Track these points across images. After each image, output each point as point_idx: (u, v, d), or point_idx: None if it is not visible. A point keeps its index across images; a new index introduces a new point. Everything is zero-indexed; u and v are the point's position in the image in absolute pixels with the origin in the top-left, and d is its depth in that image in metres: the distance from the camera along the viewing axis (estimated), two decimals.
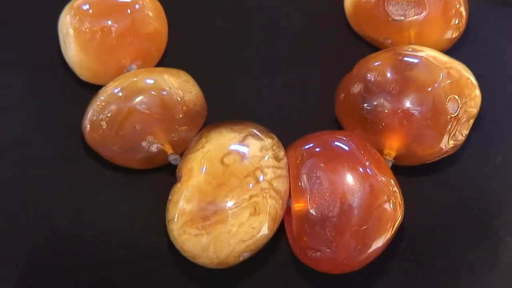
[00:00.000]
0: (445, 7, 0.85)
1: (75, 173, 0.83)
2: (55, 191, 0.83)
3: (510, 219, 0.87)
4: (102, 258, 0.82)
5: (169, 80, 0.82)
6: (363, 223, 0.78)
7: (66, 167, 0.83)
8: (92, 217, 0.82)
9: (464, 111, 0.81)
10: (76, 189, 0.83)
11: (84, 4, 0.84)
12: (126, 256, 0.81)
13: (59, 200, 0.82)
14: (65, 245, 0.82)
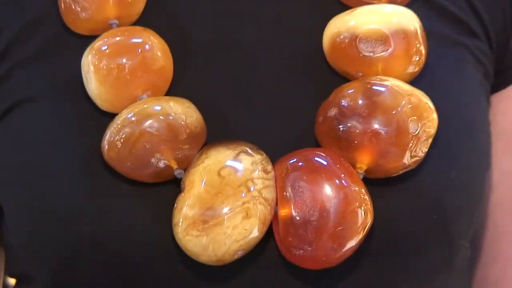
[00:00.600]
0: (407, 46, 0.85)
1: (95, 186, 0.83)
2: (78, 201, 0.83)
3: (463, 225, 0.88)
4: (119, 259, 0.82)
5: (174, 106, 0.82)
6: (338, 225, 0.79)
7: (88, 181, 0.83)
8: (110, 223, 0.82)
9: (423, 131, 0.81)
10: (96, 200, 0.83)
11: (103, 46, 0.84)
12: (139, 256, 0.82)
13: (82, 209, 0.83)
14: (87, 248, 0.83)
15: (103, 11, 0.86)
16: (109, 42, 0.84)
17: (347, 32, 0.85)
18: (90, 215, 0.83)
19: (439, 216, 0.85)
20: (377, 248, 0.83)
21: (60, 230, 0.84)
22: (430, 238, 0.86)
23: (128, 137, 0.81)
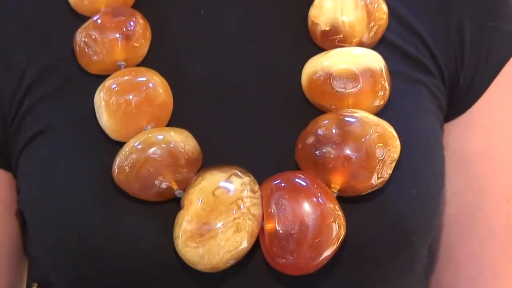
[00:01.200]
0: (374, 83, 0.84)
1: (107, 205, 0.83)
2: (93, 218, 0.83)
3: (422, 236, 0.88)
4: (128, 267, 0.83)
5: (174, 136, 0.82)
6: (316, 238, 0.79)
7: (101, 200, 0.83)
8: (120, 236, 0.82)
9: (388, 156, 0.82)
10: (108, 216, 0.83)
11: (113, 84, 0.83)
12: (144, 264, 0.82)
13: (96, 225, 0.83)
14: (100, 258, 0.83)
15: (112, 54, 0.86)
16: (118, 81, 0.84)
17: (322, 71, 0.84)
18: (103, 230, 0.83)
19: (401, 229, 0.85)
20: (349, 256, 0.83)
21: (76, 243, 0.84)
22: (394, 247, 0.86)
23: (135, 162, 0.81)
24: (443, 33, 0.91)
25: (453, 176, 0.94)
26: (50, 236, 0.87)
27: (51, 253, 0.88)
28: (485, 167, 0.94)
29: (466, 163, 0.94)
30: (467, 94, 0.93)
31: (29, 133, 0.88)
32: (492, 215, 0.95)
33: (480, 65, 0.92)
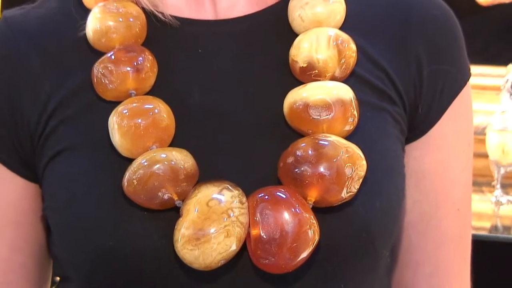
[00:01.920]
0: (344, 111, 0.84)
1: (118, 212, 0.83)
2: (105, 224, 0.83)
3: (385, 240, 0.88)
4: (134, 266, 0.83)
5: (175, 154, 0.82)
6: (294, 242, 0.79)
7: (113, 208, 0.83)
8: (128, 239, 0.82)
9: (356, 173, 0.82)
10: (118, 222, 0.83)
11: (124, 109, 0.83)
12: (148, 263, 0.82)
13: (108, 229, 0.83)
14: (111, 258, 0.83)
15: (125, 84, 0.86)
16: (129, 107, 0.84)
17: (301, 101, 0.84)
18: (114, 234, 0.83)
19: (367, 235, 0.85)
20: (322, 258, 0.83)
21: (91, 244, 0.84)
22: (360, 251, 0.86)
23: (142, 177, 0.81)
24: (404, 69, 0.91)
25: (413, 189, 0.93)
26: (69, 239, 0.87)
27: (69, 253, 0.88)
28: (439, 182, 0.94)
29: (423, 179, 0.94)
30: (425, 121, 0.93)
31: (52, 151, 0.87)
32: (445, 222, 0.95)
33: (436, 98, 0.92)
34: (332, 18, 0.89)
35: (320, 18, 0.88)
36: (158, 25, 0.88)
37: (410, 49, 0.91)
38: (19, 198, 0.90)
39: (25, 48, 0.90)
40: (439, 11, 0.94)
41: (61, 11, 0.91)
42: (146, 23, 0.88)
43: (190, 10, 0.90)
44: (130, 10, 0.88)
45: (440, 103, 0.93)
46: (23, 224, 0.91)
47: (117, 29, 0.87)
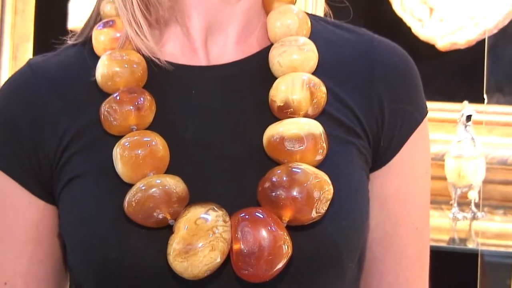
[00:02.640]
0: (315, 144, 0.84)
1: (120, 230, 0.83)
2: (110, 239, 0.83)
3: (351, 254, 0.88)
4: (133, 275, 0.83)
5: (169, 180, 0.82)
6: (270, 255, 0.80)
7: (116, 226, 0.83)
8: (129, 252, 0.82)
9: (323, 197, 0.82)
10: (121, 238, 0.83)
11: (126, 142, 0.83)
12: (145, 273, 0.82)
13: (112, 244, 0.83)
14: (114, 268, 0.83)
15: (127, 121, 0.85)
16: (130, 140, 0.84)
17: (278, 135, 0.84)
18: (117, 248, 0.83)
19: (334, 250, 0.85)
20: (295, 269, 0.83)
21: (98, 257, 0.84)
22: (329, 263, 0.85)
23: (139, 199, 0.81)
24: (368, 109, 0.90)
25: (377, 211, 0.92)
26: (80, 252, 0.87)
27: (81, 265, 0.88)
28: (399, 205, 0.93)
29: (385, 202, 0.93)
30: (386, 153, 0.92)
31: (67, 177, 0.87)
32: (405, 239, 0.94)
33: (395, 133, 0.91)
34: (306, 64, 0.88)
35: (295, 64, 0.88)
36: (157, 70, 0.88)
37: (373, 91, 0.91)
38: (40, 217, 0.90)
39: (46, 92, 0.89)
40: (399, 57, 0.94)
41: (77, 58, 0.91)
42: (147, 68, 0.88)
43: (185, 57, 0.89)
44: (133, 57, 0.88)
45: (399, 137, 0.92)
46: (43, 240, 0.90)
47: (121, 74, 0.87)
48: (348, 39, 0.93)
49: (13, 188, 0.89)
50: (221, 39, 0.90)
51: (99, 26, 0.90)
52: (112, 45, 0.89)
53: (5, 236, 0.90)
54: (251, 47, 0.91)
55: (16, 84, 0.92)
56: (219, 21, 0.89)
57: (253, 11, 0.90)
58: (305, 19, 0.91)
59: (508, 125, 1.53)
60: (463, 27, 1.57)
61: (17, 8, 1.76)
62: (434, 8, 1.58)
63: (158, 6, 0.87)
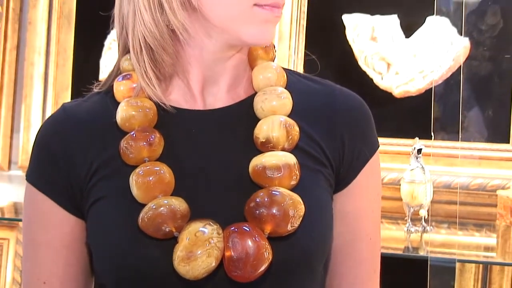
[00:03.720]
0: (290, 172, 0.84)
1: (135, 241, 0.83)
2: (127, 248, 0.83)
3: (319, 260, 0.88)
4: (146, 275, 0.83)
5: (174, 201, 0.82)
6: (254, 260, 0.80)
7: (133, 238, 0.83)
8: (142, 258, 0.83)
9: (297, 214, 0.82)
10: (136, 248, 0.83)
11: (140, 171, 0.84)
12: (157, 276, 0.82)
13: (128, 251, 0.83)
14: (131, 272, 0.83)
15: (141, 154, 0.85)
16: (143, 169, 0.84)
17: (261, 165, 0.85)
18: (132, 255, 0.83)
19: (306, 256, 0.85)
20: (275, 271, 0.83)
21: (117, 262, 0.84)
22: (302, 267, 0.86)
23: (151, 216, 0.82)
24: (333, 144, 0.90)
25: (338, 224, 0.91)
26: (102, 259, 0.87)
27: (103, 268, 0.88)
28: (356, 220, 0.93)
29: (346, 217, 0.92)
30: (345, 179, 0.91)
31: (93, 198, 0.87)
32: (361, 247, 0.93)
33: (353, 163, 0.92)
34: (283, 109, 0.89)
35: (275, 109, 0.88)
36: (164, 113, 0.88)
37: (336, 131, 0.91)
38: (71, 229, 0.89)
39: (76, 130, 0.89)
40: (356, 104, 0.93)
41: (101, 103, 0.91)
42: (156, 112, 0.88)
43: (186, 103, 0.89)
44: (145, 103, 0.88)
45: (355, 167, 0.92)
46: (74, 248, 0.89)
47: (136, 116, 0.87)
48: (316, 88, 0.93)
49: (51, 206, 0.89)
50: (215, 89, 0.90)
51: (119, 78, 0.90)
52: (129, 94, 0.89)
53: (45, 245, 0.90)
54: (239, 95, 0.90)
55: (53, 122, 0.91)
56: (213, 75, 0.89)
57: (241, 67, 0.90)
58: (282, 73, 0.91)
59: (450, 156, 1.54)
60: (414, 79, 1.59)
61: (58, 63, 1.78)
62: (391, 64, 1.60)
63: (163, 63, 0.87)
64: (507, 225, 1.43)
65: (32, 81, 1.78)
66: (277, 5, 0.83)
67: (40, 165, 0.90)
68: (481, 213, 1.50)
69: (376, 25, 1.58)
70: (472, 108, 1.55)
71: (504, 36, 1.54)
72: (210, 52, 0.87)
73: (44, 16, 1.76)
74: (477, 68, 1.54)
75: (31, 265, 0.90)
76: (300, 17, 1.62)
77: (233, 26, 0.83)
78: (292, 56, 1.61)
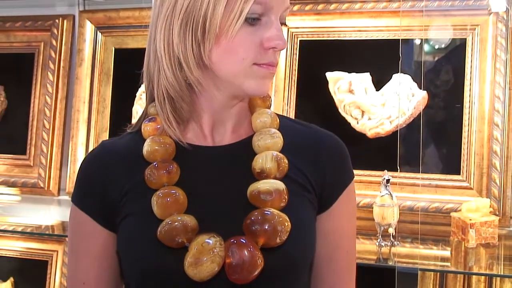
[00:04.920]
0: (280, 196, 0.83)
1: (154, 249, 0.82)
2: (148, 255, 0.83)
3: (304, 266, 0.88)
4: (163, 277, 0.83)
5: (186, 218, 0.82)
6: (249, 266, 0.81)
7: (153, 245, 0.82)
8: (160, 263, 0.82)
9: (284, 229, 0.83)
10: (154, 254, 0.83)
11: (160, 193, 0.83)
12: (170, 276, 0.82)
13: (149, 257, 0.83)
14: (151, 273, 0.83)
15: (161, 180, 0.85)
16: (162, 192, 0.84)
17: (256, 190, 0.84)
18: (152, 261, 0.83)
19: (292, 263, 0.85)
20: (266, 275, 0.82)
21: (139, 266, 0.84)
22: (289, 272, 0.85)
23: (167, 229, 0.82)
24: (316, 174, 0.89)
25: (321, 239, 0.90)
26: (129, 264, 0.87)
27: (129, 271, 0.88)
28: (336, 236, 0.91)
29: (327, 234, 0.91)
30: (326, 203, 0.90)
31: (122, 215, 0.87)
32: (339, 258, 0.92)
33: (332, 191, 0.91)
34: (275, 146, 0.88)
35: (268, 145, 0.88)
36: (181, 149, 0.88)
37: (318, 164, 0.90)
38: (104, 240, 0.89)
39: (112, 161, 0.89)
40: (335, 142, 0.93)
41: (132, 141, 0.91)
42: (175, 147, 0.88)
43: (198, 141, 0.89)
44: (166, 140, 0.88)
45: (335, 193, 0.91)
46: (107, 254, 0.89)
47: (159, 150, 0.87)
48: (303, 130, 0.93)
49: (90, 222, 0.89)
50: (222, 130, 0.89)
51: (146, 121, 0.90)
52: (154, 133, 0.89)
53: (84, 253, 0.90)
54: (241, 135, 0.90)
55: (93, 155, 0.92)
56: (221, 119, 0.89)
57: (242, 113, 0.90)
58: (276, 118, 0.91)
59: (412, 185, 1.54)
60: (383, 123, 1.60)
61: (99, 110, 1.80)
62: (364, 111, 1.62)
63: (182, 110, 0.88)
64: (458, 241, 1.43)
65: (78, 125, 1.80)
66: (272, 64, 0.83)
67: (82, 190, 0.90)
68: (438, 231, 1.50)
69: (353, 81, 1.60)
70: (429, 146, 1.55)
71: (455, 89, 1.54)
72: (219, 101, 0.87)
73: (88, 72, 1.78)
74: (434, 115, 1.56)
75: (73, 269, 0.90)
76: (292, 74, 1.64)
77: (237, 80, 0.83)
78: (285, 106, 1.62)
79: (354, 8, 1.58)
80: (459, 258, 1.40)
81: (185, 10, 0.80)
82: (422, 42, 1.54)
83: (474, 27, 1.49)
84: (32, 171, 1.81)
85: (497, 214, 1.45)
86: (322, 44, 1.61)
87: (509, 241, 1.43)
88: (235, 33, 0.79)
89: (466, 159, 1.50)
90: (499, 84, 1.47)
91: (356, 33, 1.59)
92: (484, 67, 1.49)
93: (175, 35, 0.81)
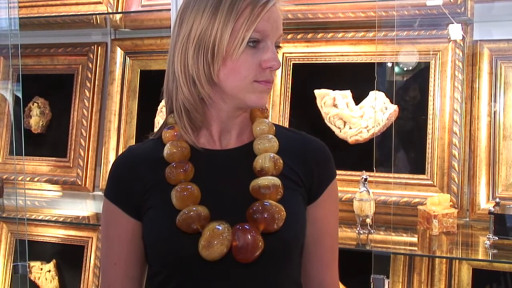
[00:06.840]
0: (276, 190, 0.82)
1: (174, 235, 0.81)
2: (168, 240, 0.82)
3: (296, 248, 0.87)
4: (182, 258, 0.82)
5: (200, 208, 0.82)
6: (252, 248, 0.81)
7: (171, 232, 0.81)
8: (178, 246, 0.82)
9: (280, 217, 0.82)
10: (174, 239, 0.82)
11: (178, 188, 0.82)
12: (187, 257, 0.82)
13: (170, 242, 0.82)
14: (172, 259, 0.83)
15: (179, 177, 0.84)
16: (180, 187, 0.83)
17: (257, 185, 0.84)
18: (172, 245, 0.83)
19: (287, 246, 0.84)
20: (266, 256, 0.82)
21: (162, 249, 0.84)
22: (284, 253, 0.85)
23: (184, 218, 0.81)
24: (306, 172, 0.88)
25: (310, 226, 0.89)
26: (153, 249, 0.86)
27: (152, 254, 0.87)
28: (322, 224, 0.90)
29: (315, 221, 0.89)
30: (314, 196, 0.89)
31: (146, 207, 0.86)
32: (325, 242, 0.91)
33: (319, 186, 0.90)
34: (272, 149, 0.88)
35: (266, 148, 0.88)
36: (195, 152, 0.87)
37: (307, 164, 0.89)
38: (132, 228, 0.87)
39: (137, 163, 0.88)
40: (320, 147, 0.92)
41: (154, 145, 0.89)
42: (190, 150, 0.87)
43: (209, 145, 0.88)
44: (183, 145, 0.87)
45: (321, 187, 0.90)
46: (134, 240, 0.88)
47: (176, 153, 0.86)
48: (294, 136, 0.92)
49: (119, 212, 0.88)
50: (228, 136, 0.89)
51: (166, 129, 0.89)
52: (172, 139, 0.88)
53: (116, 238, 0.89)
54: (243, 140, 0.90)
55: (121, 159, 0.90)
56: (227, 127, 0.88)
57: (245, 122, 0.90)
58: (272, 126, 0.91)
59: (386, 183, 1.54)
60: (362, 132, 1.60)
61: (127, 121, 1.82)
62: (346, 122, 1.62)
63: (196, 120, 0.87)
64: (424, 229, 1.43)
65: (110, 133, 1.80)
66: (269, 81, 0.83)
67: (113, 186, 0.89)
68: (407, 221, 1.49)
69: (336, 96, 1.61)
70: (400, 151, 1.55)
71: (420, 104, 1.54)
72: (225, 112, 0.87)
73: (118, 90, 1.79)
74: (403, 125, 1.56)
75: (106, 252, 0.89)
76: (286, 91, 1.64)
77: (240, 95, 0.83)
78: (281, 117, 1.62)
79: (337, 37, 1.60)
80: (425, 244, 1.40)
81: (198, 38, 0.81)
82: (394, 65, 1.55)
83: (436, 52, 1.51)
84: (71, 171, 1.83)
85: (456, 207, 1.46)
86: (311, 66, 1.62)
87: (466, 229, 1.43)
88: (239, 56, 0.80)
89: (430, 162, 1.50)
90: (457, 99, 1.49)
91: (339, 57, 1.61)
92: (444, 85, 1.50)
93: (190, 58, 0.82)
